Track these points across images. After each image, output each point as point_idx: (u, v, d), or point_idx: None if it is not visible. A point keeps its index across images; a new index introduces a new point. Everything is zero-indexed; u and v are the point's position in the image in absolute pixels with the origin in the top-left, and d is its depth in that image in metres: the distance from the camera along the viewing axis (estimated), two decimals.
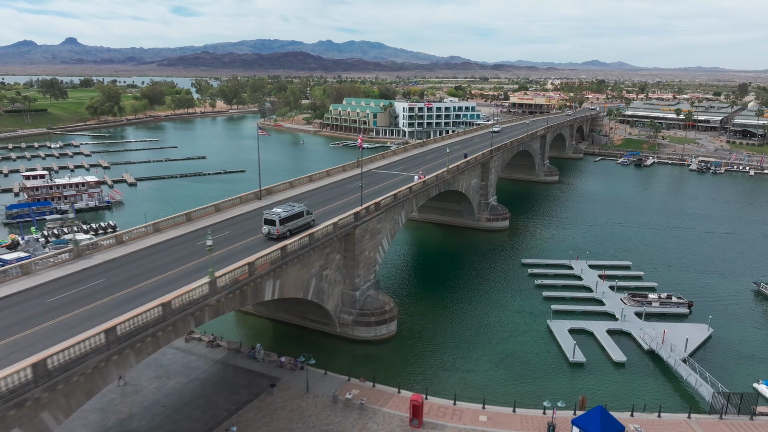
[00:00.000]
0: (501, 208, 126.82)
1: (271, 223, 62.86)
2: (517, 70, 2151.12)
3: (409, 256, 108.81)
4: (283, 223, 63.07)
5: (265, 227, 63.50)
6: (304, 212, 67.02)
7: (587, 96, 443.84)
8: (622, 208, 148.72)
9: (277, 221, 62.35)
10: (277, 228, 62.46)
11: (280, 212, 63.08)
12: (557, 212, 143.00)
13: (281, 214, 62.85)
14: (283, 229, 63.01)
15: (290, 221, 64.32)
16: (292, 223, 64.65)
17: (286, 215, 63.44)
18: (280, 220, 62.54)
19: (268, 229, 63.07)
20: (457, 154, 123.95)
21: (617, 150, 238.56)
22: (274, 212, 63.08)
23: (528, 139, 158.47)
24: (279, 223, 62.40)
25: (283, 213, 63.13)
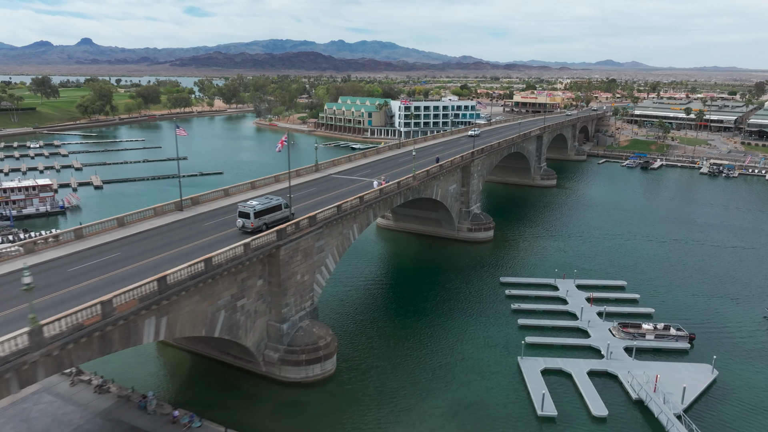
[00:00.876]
0: (484, 217, 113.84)
1: (245, 216, 60.44)
2: (529, 69, 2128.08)
3: (371, 273, 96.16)
4: (258, 216, 60.56)
5: (239, 220, 60.91)
6: (281, 205, 64.06)
7: (596, 95, 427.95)
8: (623, 216, 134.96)
9: (251, 214, 59.89)
10: (251, 221, 59.85)
11: (255, 204, 60.91)
12: (550, 221, 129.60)
13: (256, 206, 60.57)
14: (258, 223, 60.34)
15: (266, 214, 61.65)
16: (268, 217, 61.94)
17: (262, 208, 61.01)
18: (255, 213, 60.05)
19: (243, 222, 60.55)
20: (432, 158, 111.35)
21: (623, 151, 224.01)
22: (248, 204, 60.91)
23: (520, 141, 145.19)
24: (253, 216, 59.95)
25: (258, 206, 60.83)
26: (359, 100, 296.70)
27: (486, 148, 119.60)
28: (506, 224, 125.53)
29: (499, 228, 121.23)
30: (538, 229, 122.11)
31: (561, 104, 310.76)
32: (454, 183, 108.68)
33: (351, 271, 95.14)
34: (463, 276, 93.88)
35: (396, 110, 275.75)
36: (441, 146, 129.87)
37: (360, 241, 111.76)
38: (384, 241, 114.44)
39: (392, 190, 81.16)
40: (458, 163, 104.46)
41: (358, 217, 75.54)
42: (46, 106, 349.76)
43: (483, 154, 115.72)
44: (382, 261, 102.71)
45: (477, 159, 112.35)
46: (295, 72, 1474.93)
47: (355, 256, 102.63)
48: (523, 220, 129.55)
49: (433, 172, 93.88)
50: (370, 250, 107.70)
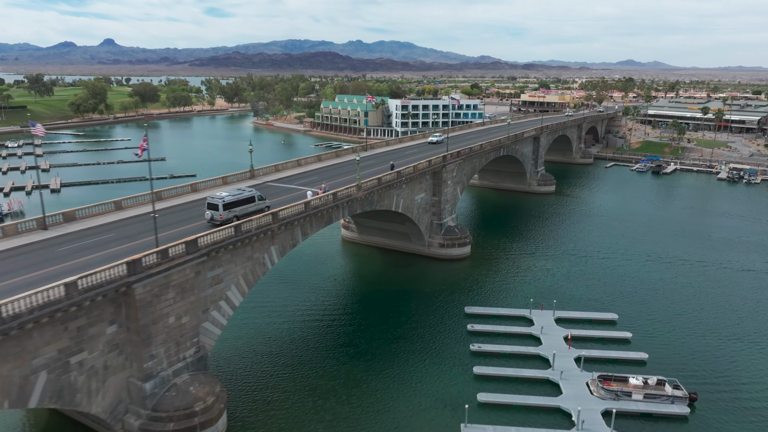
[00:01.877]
0: (460, 231, 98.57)
1: (213, 208, 57.47)
2: (548, 69, 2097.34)
3: (312, 299, 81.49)
4: (228, 208, 57.43)
5: (207, 212, 57.94)
6: (255, 197, 61.10)
7: (610, 95, 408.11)
8: (626, 229, 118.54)
9: (220, 205, 56.95)
10: (220, 213, 56.82)
11: (225, 195, 58.29)
12: (540, 234, 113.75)
13: (225, 198, 57.81)
14: (228, 215, 57.29)
15: (237, 206, 58.55)
16: (240, 209, 58.91)
17: (232, 200, 58.15)
18: (224, 205, 57.14)
19: (211, 214, 57.52)
20: (400, 161, 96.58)
21: (634, 154, 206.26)
22: (217, 196, 58.26)
23: (510, 143, 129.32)
24: (222, 207, 56.91)
25: (227, 197, 58.14)
26: (356, 98, 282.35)
27: (464, 151, 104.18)
28: (488, 238, 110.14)
29: (480, 243, 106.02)
30: (524, 245, 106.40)
31: (570, 104, 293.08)
32: (423, 192, 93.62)
33: (288, 295, 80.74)
34: (423, 303, 78.90)
35: (393, 109, 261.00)
36: (416, 149, 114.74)
37: (317, 255, 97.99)
38: (344, 257, 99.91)
39: (325, 203, 66.38)
40: (424, 169, 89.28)
41: (278, 237, 61.07)
42: (39, 104, 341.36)
43: (459, 158, 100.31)
44: (333, 282, 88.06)
45: (451, 164, 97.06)
46: (313, 72, 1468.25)
47: (302, 275, 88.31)
48: (509, 233, 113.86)
49: (387, 181, 78.88)
50: (325, 267, 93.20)
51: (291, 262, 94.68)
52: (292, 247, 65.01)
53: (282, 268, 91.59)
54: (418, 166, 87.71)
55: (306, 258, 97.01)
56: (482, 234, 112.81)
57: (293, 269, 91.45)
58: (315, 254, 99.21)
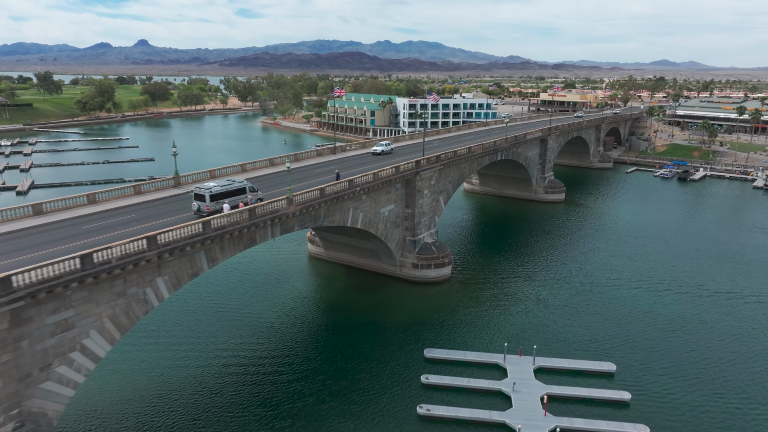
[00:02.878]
0: (439, 248, 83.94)
1: (200, 199, 55.40)
2: (578, 70, 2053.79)
3: (243, 336, 68.02)
4: (216, 199, 55.42)
5: (194, 203, 55.86)
6: (246, 188, 59.18)
7: (638, 94, 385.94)
8: (642, 248, 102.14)
9: (207, 196, 54.79)
10: (207, 204, 54.73)
11: (212, 186, 56.30)
12: (540, 254, 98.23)
13: (213, 188, 55.79)
14: (215, 206, 55.23)
15: (225, 197, 56.45)
16: (230, 200, 56.77)
17: (220, 190, 56.04)
18: (211, 196, 55.03)
19: (198, 205, 55.52)
20: (348, 171, 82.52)
21: (659, 158, 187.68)
22: (204, 186, 56.01)
23: (508, 145, 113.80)
24: (209, 198, 54.77)
25: (215, 188, 56.02)
26: (363, 97, 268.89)
27: (446, 155, 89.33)
28: (477, 256, 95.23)
29: (465, 262, 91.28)
30: (518, 265, 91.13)
31: (593, 103, 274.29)
32: (391, 203, 79.30)
33: (217, 329, 67.37)
34: (380, 341, 64.75)
35: (401, 108, 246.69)
36: (405, 150, 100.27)
37: (274, 274, 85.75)
38: (304, 277, 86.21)
39: (236, 221, 52.64)
40: (389, 177, 74.84)
41: (167, 266, 47.67)
42: (48, 102, 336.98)
43: (438, 164, 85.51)
44: (280, 311, 74.35)
45: (427, 170, 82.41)
46: (339, 72, 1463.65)
47: (247, 299, 74.96)
48: (503, 251, 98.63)
49: (334, 192, 64.71)
50: (278, 290, 79.64)
51: (239, 282, 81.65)
52: (193, 276, 51.51)
53: (224, 290, 78.53)
54: (381, 173, 73.36)
55: (260, 277, 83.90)
56: (470, 251, 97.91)
57: (239, 292, 78.32)
58: (272, 273, 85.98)
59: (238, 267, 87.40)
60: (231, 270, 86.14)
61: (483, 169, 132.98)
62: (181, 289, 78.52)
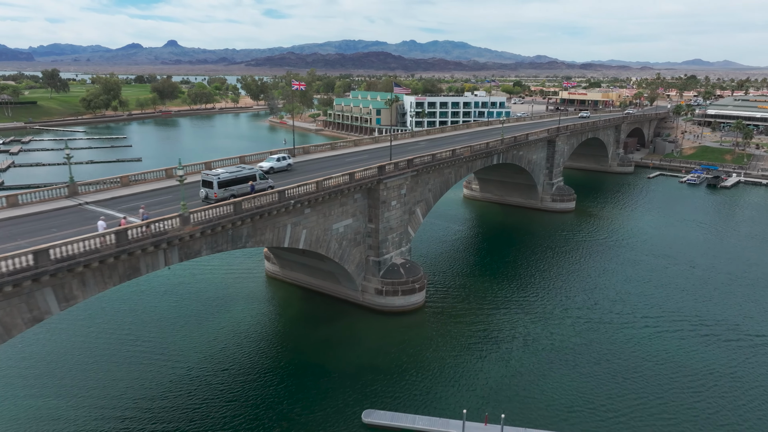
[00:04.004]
0: (409, 271, 69.93)
1: (208, 185, 53.28)
2: (607, 69, 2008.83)
3: (153, 380, 55.10)
4: (224, 186, 53.04)
5: (202, 190, 53.87)
6: (256, 176, 56.39)
7: (667, 93, 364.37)
8: (665, 271, 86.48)
9: (214, 183, 52.52)
10: (215, 191, 52.54)
11: (220, 173, 54.03)
12: (538, 277, 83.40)
13: (221, 175, 53.56)
14: (223, 193, 52.89)
15: (234, 185, 53.98)
16: (238, 188, 54.37)
17: (228, 177, 53.72)
18: (219, 183, 52.68)
19: (206, 192, 53.52)
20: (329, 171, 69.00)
21: (686, 162, 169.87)
22: (212, 173, 53.93)
23: (505, 148, 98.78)
24: (217, 185, 52.52)
25: (223, 174, 53.77)
26: (370, 95, 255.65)
27: (421, 159, 75.11)
28: (461, 278, 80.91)
29: (445, 285, 77.17)
30: (507, 293, 76.55)
31: (616, 102, 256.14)
32: (348, 217, 65.59)
33: (122, 374, 54.56)
34: (316, 397, 51.30)
35: (408, 107, 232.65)
36: (366, 155, 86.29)
37: (223, 297, 73.69)
38: (255, 303, 72.98)
39: (87, 252, 39.52)
40: (341, 186, 61.09)
41: (27, 299, 34.97)
42: (54, 100, 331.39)
43: (409, 170, 71.36)
44: (215, 345, 61.24)
45: (394, 178, 68.43)
46: (364, 72, 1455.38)
47: (179, 329, 62.11)
48: (493, 272, 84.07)
49: (254, 208, 51.23)
50: (221, 318, 66.84)
51: (175, 307, 69.08)
52: (35, 322, 38.60)
53: (154, 317, 65.84)
54: (327, 182, 59.59)
55: (203, 301, 71.39)
56: (456, 272, 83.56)
57: (171, 319, 65.66)
58: (218, 296, 73.29)
59: (178, 287, 74.88)
60: (170, 290, 73.74)
61: (482, 173, 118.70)
62: (95, 312, 66.46)
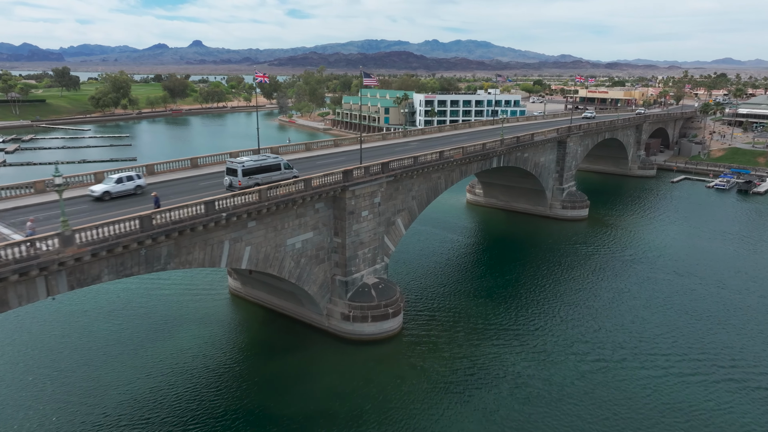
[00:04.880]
0: (380, 293, 59.92)
1: (232, 173, 52.47)
2: (633, 69, 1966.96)
3: None
4: (248, 175, 52.28)
5: (226, 178, 53.06)
6: (280, 165, 55.36)
7: (696, 92, 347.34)
8: (690, 293, 75.12)
9: (239, 171, 51.80)
10: (239, 179, 51.78)
11: (245, 161, 53.07)
12: (538, 302, 72.68)
13: (245, 163, 52.72)
14: (247, 182, 52.16)
15: (258, 173, 53.25)
16: (263, 176, 53.48)
17: (252, 165, 52.94)
18: (244, 171, 51.96)
19: (230, 180, 52.70)
20: None
21: (714, 165, 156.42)
22: (237, 161, 52.99)
23: (505, 150, 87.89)
24: (242, 173, 51.74)
25: (248, 162, 52.92)
26: (379, 93, 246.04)
27: (399, 163, 64.94)
28: (450, 300, 70.66)
29: (429, 308, 67.11)
30: (501, 319, 66.09)
31: (639, 101, 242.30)
32: (309, 230, 55.86)
33: None
34: None
35: (417, 105, 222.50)
36: (344, 156, 76.29)
37: (176, 319, 63.78)
38: (214, 325, 63.70)
39: None
40: (287, 197, 51.28)
41: None
42: (65, 98, 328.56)
43: (383, 176, 61.22)
44: (156, 379, 52.12)
45: (364, 185, 58.45)
46: (386, 71, 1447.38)
47: (127, 357, 53.11)
48: (487, 294, 73.54)
49: (170, 223, 41.72)
50: (171, 342, 57.83)
51: (124, 330, 60.22)
52: None
53: (93, 345, 56.94)
54: (274, 191, 49.87)
55: (155, 322, 62.89)
56: (445, 292, 73.27)
57: (112, 346, 56.90)
58: (174, 317, 64.67)
59: (127, 306, 66.28)
60: (116, 310, 65.14)
61: (485, 177, 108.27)
62: (16, 334, 56.91)
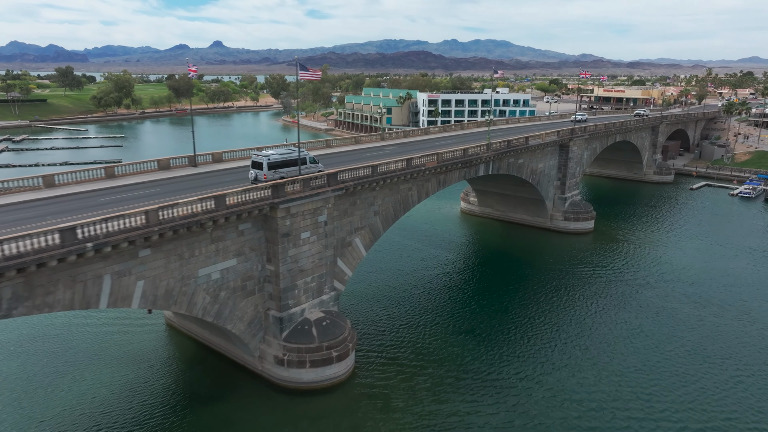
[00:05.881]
0: (325, 331, 49.48)
1: (257, 167, 51.01)
2: (656, 68, 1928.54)
3: None
4: (273, 168, 50.78)
5: (251, 171, 51.51)
6: (306, 159, 53.39)
7: (720, 91, 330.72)
8: (711, 333, 63.47)
9: (264, 164, 50.31)
10: (264, 172, 50.16)
11: (270, 154, 51.61)
12: (523, 341, 61.69)
13: (271, 156, 51.21)
14: (273, 175, 50.40)
15: (284, 167, 51.55)
16: (288, 170, 51.68)
17: (278, 159, 51.38)
18: (269, 164, 50.44)
19: (255, 173, 51.15)
20: None
21: (738, 170, 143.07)
22: (263, 154, 51.54)
23: (492, 156, 76.67)
24: (267, 167, 50.28)
25: (273, 155, 51.44)
26: (382, 92, 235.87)
27: (351, 174, 54.31)
28: (413, 340, 60.00)
29: (388, 348, 56.56)
30: (469, 364, 55.33)
31: (658, 100, 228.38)
32: (230, 257, 45.65)
33: None
34: None
35: (420, 104, 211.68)
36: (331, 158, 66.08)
37: (106, 351, 53.99)
38: (136, 364, 53.99)
39: None
40: (189, 218, 41.16)
41: None
42: (68, 98, 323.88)
43: (329, 189, 50.64)
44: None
45: (301, 201, 48.03)
46: (404, 71, 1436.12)
47: None
48: (458, 328, 62.69)
49: (20, 258, 31.89)
50: (89, 384, 48.05)
51: (31, 369, 50.61)
52: None
53: None
54: (170, 211, 39.74)
55: (75, 355, 52.86)
56: (410, 325, 62.59)
57: (12, 389, 47.36)
58: (99, 349, 54.96)
59: (41, 339, 56.64)
60: (26, 345, 55.61)
61: (479, 184, 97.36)
62: None
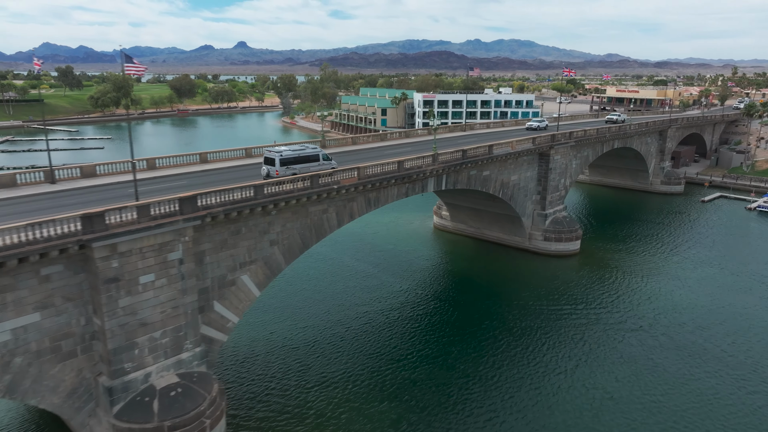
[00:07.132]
0: (174, 405, 37.69)
1: (270, 163, 50.79)
2: (684, 68, 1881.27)
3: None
4: (286, 164, 50.32)
5: (264, 167, 51.43)
6: (319, 156, 53.04)
7: (746, 92, 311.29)
8: (727, 392, 50.32)
9: (277, 160, 49.95)
10: (276, 169, 49.94)
11: (283, 150, 51.42)
12: (470, 414, 49.28)
13: (283, 152, 50.97)
14: (285, 171, 50.12)
15: (297, 164, 51.19)
16: (301, 167, 51.32)
17: (290, 155, 51.03)
18: (282, 160, 50.07)
19: (267, 169, 50.99)
20: None
21: (760, 179, 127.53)
22: (275, 150, 51.34)
23: (442, 170, 64.06)
24: (279, 163, 49.86)
25: (285, 152, 51.20)
26: (378, 93, 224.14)
27: (214, 197, 42.47)
28: (300, 408, 47.85)
29: (264, 420, 44.53)
30: None
31: (675, 101, 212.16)
32: (33, 310, 34.08)
33: None
34: None
35: (416, 105, 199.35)
36: (186, 180, 54.35)
37: None
38: None
39: None
40: None
41: None
42: (67, 98, 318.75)
43: (179, 220, 38.81)
44: None
45: (134, 237, 36.32)
46: (426, 71, 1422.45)
47: None
48: (377, 394, 50.48)
49: None
50: None
51: None
52: None
53: None
54: None
55: None
56: (317, 387, 50.60)
57: None
58: None
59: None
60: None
61: (449, 198, 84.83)
62: None
